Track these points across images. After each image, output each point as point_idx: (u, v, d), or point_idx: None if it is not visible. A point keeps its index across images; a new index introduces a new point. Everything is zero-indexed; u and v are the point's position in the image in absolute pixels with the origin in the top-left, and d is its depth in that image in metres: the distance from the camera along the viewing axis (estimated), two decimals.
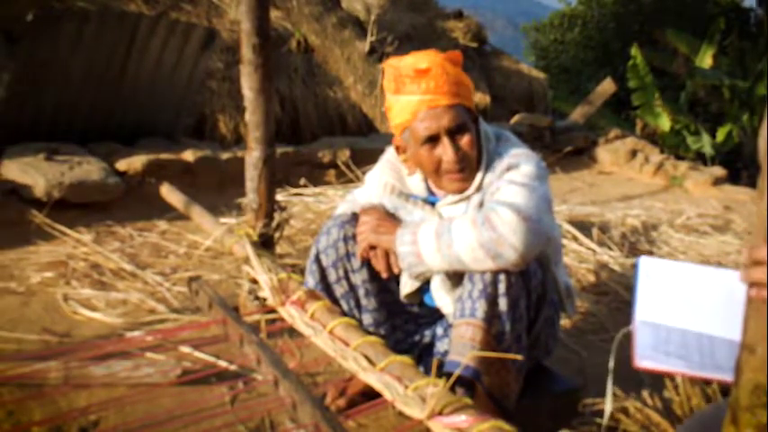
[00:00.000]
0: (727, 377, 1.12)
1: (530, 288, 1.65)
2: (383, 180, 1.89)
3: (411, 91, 1.70)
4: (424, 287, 1.83)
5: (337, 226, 1.83)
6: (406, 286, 1.83)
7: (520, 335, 1.64)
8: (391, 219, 1.77)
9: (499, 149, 1.77)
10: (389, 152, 1.91)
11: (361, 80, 6.25)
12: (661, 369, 1.13)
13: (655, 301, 1.28)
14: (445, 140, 1.70)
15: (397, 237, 1.68)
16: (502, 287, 1.58)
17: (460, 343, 1.59)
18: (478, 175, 1.74)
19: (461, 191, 1.75)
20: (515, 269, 1.58)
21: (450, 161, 1.71)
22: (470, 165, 1.74)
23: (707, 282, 1.32)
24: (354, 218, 1.83)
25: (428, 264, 1.64)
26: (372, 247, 1.75)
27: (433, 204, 1.81)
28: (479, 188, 1.73)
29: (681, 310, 1.26)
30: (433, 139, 1.71)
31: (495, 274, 1.58)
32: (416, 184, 1.85)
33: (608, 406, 1.48)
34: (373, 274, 1.82)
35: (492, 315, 1.58)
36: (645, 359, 1.12)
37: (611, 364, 1.41)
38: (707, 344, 1.18)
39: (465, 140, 1.72)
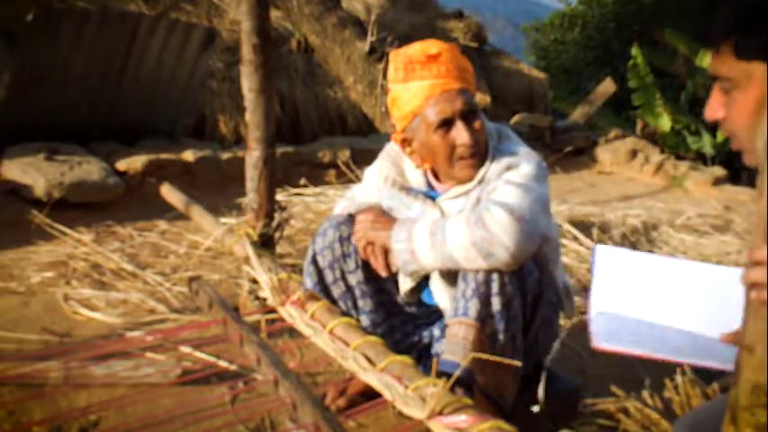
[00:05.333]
0: (680, 359, 1.22)
1: (525, 288, 1.64)
2: (383, 172, 1.88)
3: (422, 76, 1.69)
4: (423, 285, 1.83)
5: (333, 227, 1.83)
6: (406, 284, 1.83)
7: (515, 335, 1.63)
8: (388, 216, 1.77)
9: (501, 146, 1.77)
10: (390, 146, 1.91)
11: (361, 80, 6.24)
12: (617, 350, 1.19)
13: (610, 289, 1.34)
14: (459, 124, 1.70)
15: (392, 234, 1.68)
16: (495, 286, 1.58)
17: (453, 342, 1.59)
18: (483, 167, 1.73)
19: (471, 178, 1.73)
20: (507, 269, 1.58)
21: (466, 144, 1.70)
22: (481, 151, 1.73)
23: (659, 271, 1.37)
24: (350, 219, 1.83)
25: (422, 262, 1.64)
26: (370, 244, 1.75)
27: (432, 199, 1.81)
28: (480, 181, 1.73)
29: (634, 300, 1.32)
30: (446, 124, 1.70)
31: (489, 273, 1.58)
32: (416, 178, 1.85)
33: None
34: (368, 275, 1.82)
35: (485, 314, 1.58)
36: (601, 341, 1.19)
37: (557, 345, 1.58)
38: (658, 332, 1.25)
39: (477, 124, 1.72)
